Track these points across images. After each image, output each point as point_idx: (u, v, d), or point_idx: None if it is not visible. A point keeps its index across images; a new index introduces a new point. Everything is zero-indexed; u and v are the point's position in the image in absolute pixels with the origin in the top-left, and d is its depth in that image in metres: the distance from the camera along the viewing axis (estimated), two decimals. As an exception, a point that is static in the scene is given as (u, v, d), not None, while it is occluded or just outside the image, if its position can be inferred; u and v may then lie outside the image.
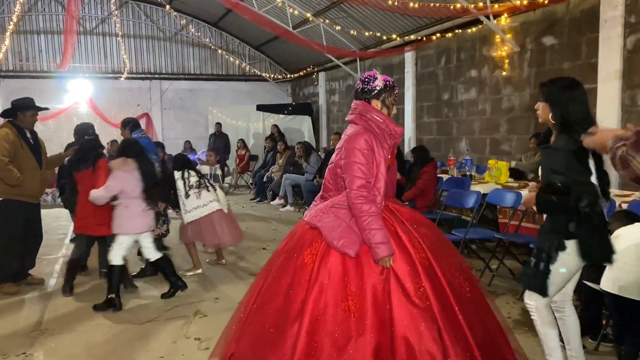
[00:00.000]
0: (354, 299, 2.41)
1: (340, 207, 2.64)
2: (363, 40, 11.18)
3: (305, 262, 2.52)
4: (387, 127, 2.69)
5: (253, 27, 14.17)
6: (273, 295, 2.56)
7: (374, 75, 2.75)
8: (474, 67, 8.41)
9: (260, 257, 6.31)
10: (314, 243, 2.57)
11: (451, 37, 8.74)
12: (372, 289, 2.45)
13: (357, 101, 2.76)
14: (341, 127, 13.19)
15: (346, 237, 2.52)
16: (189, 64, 15.56)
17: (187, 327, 4.10)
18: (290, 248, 2.66)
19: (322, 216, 2.63)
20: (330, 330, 2.38)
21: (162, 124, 15.39)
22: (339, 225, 2.57)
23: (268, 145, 12.26)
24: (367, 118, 2.67)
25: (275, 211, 9.84)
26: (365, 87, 2.74)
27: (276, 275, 2.60)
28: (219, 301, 4.71)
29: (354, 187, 2.56)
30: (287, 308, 2.46)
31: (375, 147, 2.62)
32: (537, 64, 7.20)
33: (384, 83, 2.72)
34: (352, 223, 2.58)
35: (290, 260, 2.59)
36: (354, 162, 2.58)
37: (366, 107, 2.70)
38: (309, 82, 15.26)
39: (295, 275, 2.52)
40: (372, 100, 2.72)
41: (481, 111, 8.30)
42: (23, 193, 4.90)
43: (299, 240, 2.66)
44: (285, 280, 2.55)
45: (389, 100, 2.75)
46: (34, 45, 14.13)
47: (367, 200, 2.55)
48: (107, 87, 14.45)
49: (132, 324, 4.21)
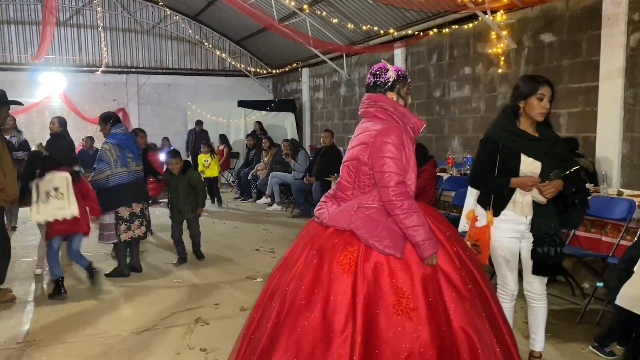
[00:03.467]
0: (407, 301, 2.23)
1: (370, 207, 2.45)
2: (350, 36, 10.97)
3: (342, 268, 2.30)
4: (409, 120, 2.55)
5: (234, 21, 13.84)
6: (306, 308, 2.29)
7: (384, 67, 2.60)
8: (468, 64, 8.28)
9: (255, 259, 6.05)
10: (348, 247, 2.36)
11: (444, 34, 8.59)
12: (423, 288, 2.28)
13: (373, 94, 2.59)
14: (325, 124, 12.96)
15: (389, 237, 2.34)
16: (167, 58, 15.08)
17: (189, 337, 3.81)
18: (316, 255, 2.40)
19: (352, 217, 2.41)
20: (388, 338, 2.19)
21: (139, 120, 14.84)
22: (377, 226, 2.38)
23: (250, 143, 11.93)
24: (390, 111, 2.52)
25: (261, 210, 9.55)
26: (378, 80, 2.59)
27: (306, 286, 2.33)
28: (220, 307, 4.43)
29: (391, 184, 2.39)
30: (330, 321, 2.23)
31: (405, 140, 2.46)
32: (534, 61, 7.11)
33: (396, 73, 2.59)
34: (390, 222, 2.40)
35: (321, 268, 2.34)
36: (387, 158, 2.40)
37: (386, 99, 2.55)
38: (292, 78, 14.97)
39: (333, 284, 2.29)
40: (387, 92, 2.58)
41: (475, 109, 8.19)
42: (3, 198, 4.41)
43: (324, 245, 2.42)
44: (320, 290, 2.30)
45: (403, 90, 2.61)
46: (3, 35, 13.44)
47: (406, 197, 2.40)
48: (81, 80, 13.86)
49: (128, 333, 3.90)
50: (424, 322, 2.23)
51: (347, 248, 2.35)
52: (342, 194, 2.57)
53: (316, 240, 2.47)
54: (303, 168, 9.21)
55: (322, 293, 2.29)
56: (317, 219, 2.58)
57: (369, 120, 2.57)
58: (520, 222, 3.01)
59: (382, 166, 2.40)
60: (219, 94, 15.31)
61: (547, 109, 2.91)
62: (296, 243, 2.61)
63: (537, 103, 2.88)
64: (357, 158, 2.50)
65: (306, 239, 2.55)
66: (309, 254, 2.43)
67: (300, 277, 2.36)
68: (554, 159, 2.94)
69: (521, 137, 2.95)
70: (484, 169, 3.05)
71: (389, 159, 2.40)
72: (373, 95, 2.57)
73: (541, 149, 2.95)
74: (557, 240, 2.96)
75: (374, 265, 2.30)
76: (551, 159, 2.94)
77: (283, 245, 6.64)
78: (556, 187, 2.89)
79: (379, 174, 2.42)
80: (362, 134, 2.54)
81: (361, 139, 2.52)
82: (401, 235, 2.37)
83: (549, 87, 2.90)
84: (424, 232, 2.36)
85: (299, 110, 14.23)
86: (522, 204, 2.97)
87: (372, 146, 2.44)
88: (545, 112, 2.92)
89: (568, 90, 6.63)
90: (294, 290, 2.34)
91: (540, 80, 2.92)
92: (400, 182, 2.40)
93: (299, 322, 2.26)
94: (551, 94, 2.90)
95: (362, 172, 2.49)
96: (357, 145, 2.53)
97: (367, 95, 2.61)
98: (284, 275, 2.48)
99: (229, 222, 8.29)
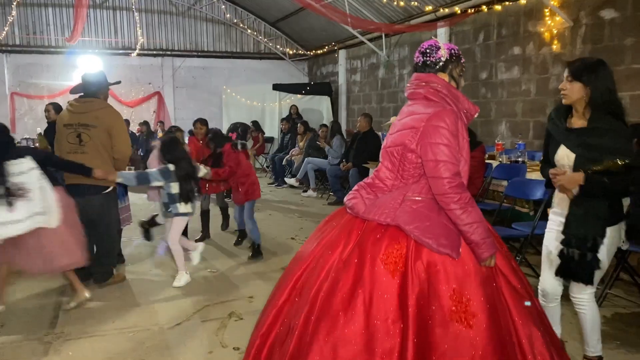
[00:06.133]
0: (466, 307, 1.97)
1: (418, 199, 2.17)
2: (390, 15, 10.51)
3: (387, 268, 2.03)
4: (462, 104, 2.24)
5: (269, 2, 13.51)
6: (344, 313, 2.00)
7: (436, 45, 2.29)
8: (518, 44, 7.74)
9: (290, 248, 5.80)
10: (394, 244, 2.08)
11: (492, 11, 8.06)
12: (484, 292, 2.02)
13: (422, 74, 2.29)
14: (362, 107, 12.57)
15: (444, 235, 2.07)
16: (203, 40, 14.89)
17: (222, 333, 3.58)
18: (354, 251, 2.12)
19: (396, 211, 2.13)
20: (444, 350, 1.93)
21: (174, 104, 14.80)
22: (429, 222, 2.09)
23: (285, 127, 11.65)
24: (444, 93, 2.21)
25: (296, 197, 9.29)
26: (428, 60, 2.29)
27: (343, 288, 2.04)
28: (254, 300, 4.18)
29: (445, 175, 2.09)
30: (374, 329, 1.95)
31: (459, 127, 2.16)
32: (593, 40, 6.55)
33: (448, 52, 2.29)
34: (443, 217, 2.12)
35: (362, 267, 2.06)
36: (442, 145, 2.11)
37: (439, 80, 2.24)
38: (328, 60, 14.58)
39: (376, 286, 2.02)
40: (439, 73, 2.28)
41: (525, 92, 7.67)
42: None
43: (364, 240, 2.13)
44: (362, 292, 2.02)
45: (456, 71, 2.33)
46: (41, 18, 13.48)
47: (463, 189, 2.12)
48: (117, 63, 13.80)
49: (159, 327, 3.70)
50: (485, 330, 1.97)
51: (392, 245, 2.08)
52: (381, 183, 2.30)
53: (352, 235, 2.19)
54: (338, 154, 8.89)
55: (363, 296, 2.01)
56: (350, 210, 2.30)
57: (417, 103, 2.28)
58: (564, 216, 2.79)
59: (436, 154, 2.11)
60: (253, 77, 15.07)
61: (563, 92, 2.72)
62: (325, 235, 2.32)
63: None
64: (403, 144, 2.22)
65: (339, 231, 2.25)
66: (344, 250, 2.14)
67: (336, 277, 2.08)
68: (592, 151, 2.63)
69: (557, 127, 2.82)
70: (544, 158, 2.99)
71: (444, 145, 2.10)
72: (423, 76, 2.29)
73: (574, 140, 2.72)
74: (588, 245, 2.63)
75: (427, 265, 2.02)
76: (588, 152, 2.64)
77: (319, 234, 6.38)
78: (568, 180, 2.66)
79: (431, 162, 2.13)
80: (410, 117, 2.25)
81: (408, 122, 2.23)
82: (456, 233, 2.10)
83: (567, 67, 2.74)
84: (483, 230, 2.09)
85: (335, 94, 13.86)
86: (561, 198, 2.82)
87: (422, 131, 2.15)
88: (564, 95, 2.72)
89: (631, 71, 6.07)
90: (329, 291, 2.05)
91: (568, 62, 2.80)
92: (457, 172, 2.12)
93: (336, 330, 1.98)
94: (569, 73, 2.70)
95: (408, 160, 2.21)
96: (403, 130, 2.24)
97: (415, 76, 2.33)
98: (313, 271, 2.19)
99: (263, 208, 8.06)
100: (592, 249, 2.64)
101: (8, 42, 13.09)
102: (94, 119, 4.20)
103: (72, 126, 4.22)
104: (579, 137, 2.70)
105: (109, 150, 4.26)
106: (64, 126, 4.25)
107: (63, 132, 4.24)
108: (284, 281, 2.32)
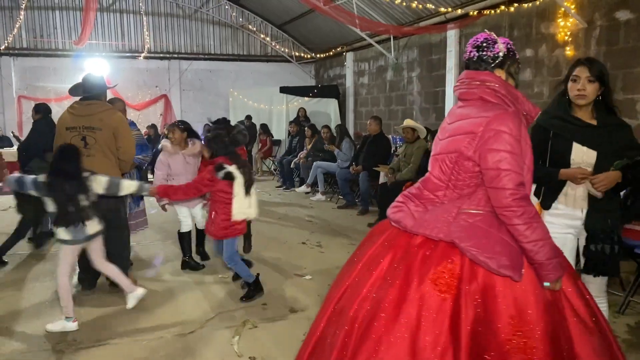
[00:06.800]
0: (526, 339, 1.77)
1: (475, 212, 1.96)
2: (398, 17, 10.44)
3: (438, 289, 1.84)
4: (522, 105, 2.05)
5: (276, 5, 13.47)
6: (386, 337, 1.83)
7: (492, 38, 2.07)
8: (530, 46, 7.66)
9: (301, 253, 5.71)
10: (445, 262, 1.89)
11: (503, 13, 7.98)
12: (546, 321, 1.81)
13: (476, 72, 2.07)
14: (370, 110, 12.50)
15: (505, 254, 1.86)
16: (209, 43, 14.86)
17: (238, 342, 3.50)
18: (400, 269, 1.94)
19: (450, 225, 1.94)
20: None
21: (181, 106, 14.77)
22: (488, 238, 1.89)
23: (293, 130, 11.58)
24: (502, 94, 2.00)
25: (305, 200, 9.22)
26: (484, 54, 2.06)
27: (387, 309, 1.86)
28: (268, 308, 4.10)
29: (508, 186, 1.88)
30: (420, 355, 1.77)
31: (522, 131, 1.95)
32: (608, 41, 6.46)
33: (506, 47, 2.05)
34: (503, 234, 1.92)
35: (408, 286, 1.87)
36: (505, 152, 1.89)
37: (496, 78, 2.02)
38: (335, 63, 14.52)
39: (425, 309, 1.83)
40: (496, 70, 2.06)
41: (537, 94, 7.58)
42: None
43: (411, 257, 1.95)
44: (407, 315, 1.83)
45: (513, 68, 2.10)
46: (48, 21, 13.49)
47: (527, 202, 1.90)
48: (124, 66, 13.80)
49: (172, 335, 3.62)
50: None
51: (444, 263, 1.88)
52: (431, 194, 2.09)
53: (398, 250, 2.00)
54: (348, 157, 8.80)
55: (409, 319, 1.82)
56: (396, 224, 2.11)
57: (471, 105, 2.06)
58: (575, 216, 2.76)
59: (498, 162, 1.89)
60: (260, 79, 15.03)
61: (581, 92, 2.65)
62: (366, 251, 2.13)
63: (571, 85, 2.70)
64: (458, 150, 2.00)
65: (381, 246, 2.07)
66: (389, 268, 1.96)
67: (378, 296, 1.91)
68: (613, 147, 2.67)
69: (573, 124, 2.71)
70: (535, 158, 2.81)
71: (507, 153, 1.89)
72: (477, 73, 2.06)
73: (596, 137, 2.69)
74: (615, 238, 2.69)
75: (483, 287, 1.83)
76: (610, 148, 2.67)
77: (330, 238, 6.31)
78: (610, 180, 2.62)
79: (492, 171, 1.91)
80: (464, 120, 2.03)
81: (463, 127, 2.01)
82: (518, 252, 1.90)
83: (586, 67, 2.66)
84: (550, 249, 1.88)
85: (342, 96, 13.80)
86: (574, 197, 2.75)
87: (481, 136, 1.93)
88: (582, 95, 2.65)
89: (647, 73, 5.99)
90: (370, 312, 1.88)
91: (579, 61, 2.72)
92: (521, 183, 1.90)
93: (378, 354, 1.81)
94: (590, 74, 2.64)
95: (464, 168, 2.00)
96: (458, 135, 2.03)
97: (467, 73, 2.10)
98: (353, 290, 2.02)
99: (272, 212, 8.00)
100: (618, 241, 2.68)
101: (15, 45, 13.10)
102: (99, 121, 4.15)
103: (76, 129, 4.15)
104: (598, 135, 2.68)
105: (114, 152, 4.22)
106: (66, 129, 4.17)
107: (65, 135, 4.16)
108: (324, 307, 2.15)
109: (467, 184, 2.01)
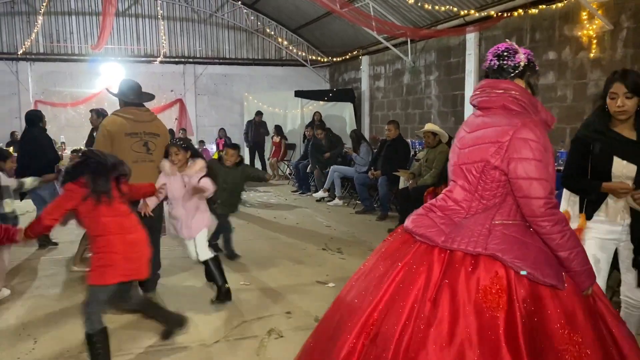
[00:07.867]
0: (579, 345, 1.77)
1: (508, 223, 1.95)
2: (415, 20, 10.34)
3: (488, 306, 1.77)
4: (541, 115, 2.03)
5: (291, 9, 13.43)
6: (438, 347, 1.75)
7: (513, 48, 2.08)
8: (553, 49, 7.52)
9: (322, 260, 5.62)
10: (492, 277, 1.83)
11: (524, 15, 7.85)
12: (591, 325, 1.85)
13: (497, 80, 2.05)
14: (386, 114, 12.39)
15: (547, 263, 1.87)
16: (224, 47, 14.84)
17: (264, 352, 3.42)
18: (442, 289, 1.85)
19: (487, 238, 1.89)
20: None
21: (195, 111, 14.77)
22: (527, 249, 1.87)
23: (309, 134, 11.50)
24: (524, 102, 1.98)
25: (321, 205, 9.13)
26: (505, 64, 2.05)
27: (437, 332, 1.77)
28: (292, 316, 4.01)
29: (541, 195, 1.87)
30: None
31: (547, 140, 1.95)
32: (635, 44, 6.32)
33: (526, 57, 2.06)
34: (538, 243, 1.92)
35: (455, 305, 1.79)
36: (535, 160, 1.89)
37: (518, 87, 2.01)
38: (350, 66, 14.44)
39: (479, 327, 1.75)
40: (516, 79, 2.05)
41: (560, 97, 7.43)
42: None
43: (452, 276, 1.86)
44: (462, 336, 1.75)
45: (533, 79, 2.11)
46: (65, 26, 13.56)
47: (559, 211, 1.92)
48: (140, 71, 13.78)
49: (197, 344, 3.54)
50: None
51: (490, 278, 1.82)
52: (456, 205, 2.04)
53: (434, 268, 1.91)
54: (366, 161, 8.70)
55: (463, 340, 1.74)
56: (422, 238, 2.02)
57: (493, 113, 2.03)
58: (615, 223, 2.85)
59: (528, 172, 1.88)
60: (274, 84, 14.99)
61: (622, 109, 2.71)
62: (393, 269, 2.00)
63: (610, 102, 2.76)
64: (485, 160, 1.96)
65: (414, 265, 1.96)
66: (427, 288, 1.87)
67: (423, 321, 1.80)
68: None
69: (612, 139, 2.79)
70: (576, 171, 2.92)
71: (537, 161, 1.88)
72: (499, 82, 2.05)
73: (637, 152, 2.77)
74: None
75: (532, 299, 1.79)
76: None
77: (350, 245, 6.21)
78: None
79: (523, 181, 1.89)
80: (489, 129, 1.99)
81: (488, 135, 1.98)
82: (555, 260, 1.90)
83: (622, 84, 2.70)
84: (584, 256, 1.91)
85: (357, 100, 13.71)
86: (615, 208, 2.83)
87: (509, 145, 1.91)
88: (622, 112, 2.72)
89: (677, 75, 5.82)
90: (418, 339, 1.77)
91: (614, 77, 2.76)
92: (552, 191, 1.90)
93: None
94: (627, 90, 2.69)
95: (491, 177, 1.96)
96: (483, 144, 1.99)
97: (488, 82, 2.08)
98: (389, 314, 1.89)
99: (289, 217, 7.92)
100: None
101: (32, 50, 13.17)
102: (156, 127, 4.33)
103: (138, 135, 4.19)
104: (636, 149, 2.76)
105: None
106: (126, 135, 4.15)
107: (126, 141, 4.14)
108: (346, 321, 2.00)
109: (494, 194, 1.99)
